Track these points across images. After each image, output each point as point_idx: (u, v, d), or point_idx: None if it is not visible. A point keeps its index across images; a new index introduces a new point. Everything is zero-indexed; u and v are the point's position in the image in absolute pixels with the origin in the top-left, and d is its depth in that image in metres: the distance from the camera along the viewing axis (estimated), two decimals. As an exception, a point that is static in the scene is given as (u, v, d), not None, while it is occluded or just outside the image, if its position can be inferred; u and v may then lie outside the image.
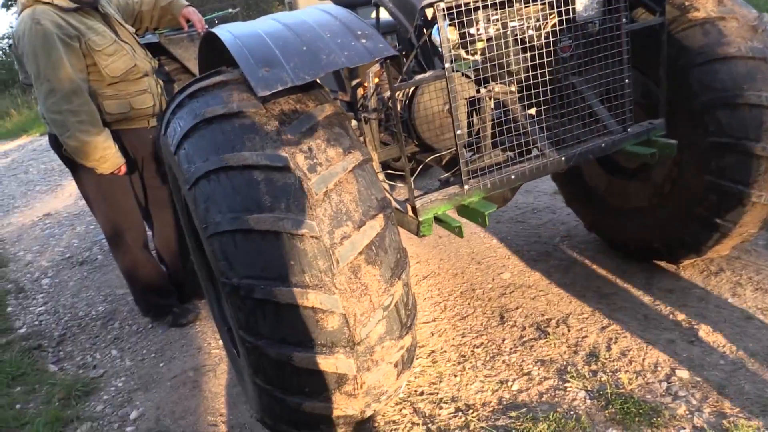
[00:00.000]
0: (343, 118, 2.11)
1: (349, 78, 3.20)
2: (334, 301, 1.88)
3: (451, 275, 3.85)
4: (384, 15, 3.18)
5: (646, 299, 3.21)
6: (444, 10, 2.19)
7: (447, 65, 2.22)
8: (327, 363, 1.94)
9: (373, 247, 1.95)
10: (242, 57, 2.00)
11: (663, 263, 3.48)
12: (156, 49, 4.29)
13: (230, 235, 1.90)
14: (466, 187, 2.41)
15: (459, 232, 2.39)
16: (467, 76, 2.65)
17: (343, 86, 3.42)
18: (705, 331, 2.87)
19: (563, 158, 2.56)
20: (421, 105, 2.77)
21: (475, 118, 2.70)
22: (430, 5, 2.21)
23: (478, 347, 3.05)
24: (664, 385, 2.58)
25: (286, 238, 1.87)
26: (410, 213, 2.41)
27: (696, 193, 2.94)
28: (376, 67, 2.73)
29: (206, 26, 3.86)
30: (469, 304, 3.47)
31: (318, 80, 2.47)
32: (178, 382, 3.25)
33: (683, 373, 2.62)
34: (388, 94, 2.97)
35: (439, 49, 2.29)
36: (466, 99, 2.66)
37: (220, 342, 3.40)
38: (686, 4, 2.80)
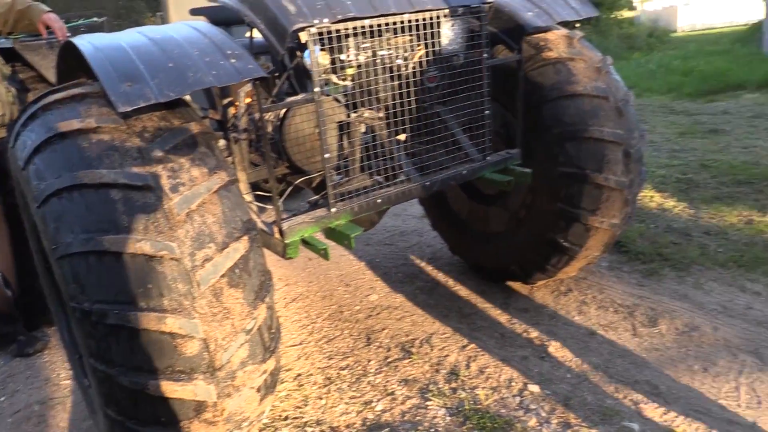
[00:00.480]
0: (209, 137, 2.07)
1: (220, 97, 3.14)
2: (193, 325, 1.83)
3: (320, 297, 3.86)
4: (258, 35, 3.17)
5: (503, 318, 3.40)
6: (315, 35, 2.22)
7: (317, 89, 2.26)
8: (185, 390, 1.87)
9: (237, 270, 1.92)
10: (103, 70, 1.91)
11: (519, 284, 3.70)
12: (10, 55, 3.96)
13: (82, 256, 1.80)
14: (333, 209, 2.44)
15: (325, 254, 2.41)
16: (338, 101, 2.69)
17: (214, 105, 3.35)
18: (554, 347, 3.08)
19: (427, 183, 2.67)
20: (291, 127, 2.77)
21: (344, 142, 2.75)
22: (302, 29, 2.24)
23: (344, 369, 3.07)
24: (518, 399, 2.73)
25: (144, 260, 1.79)
26: (277, 235, 2.39)
27: (548, 218, 3.17)
28: (248, 87, 2.71)
29: (68, 34, 3.63)
30: (336, 326, 3.49)
31: (187, 97, 2.41)
32: (22, 417, 2.98)
33: (534, 387, 2.79)
34: (257, 114, 2.95)
35: (311, 73, 2.32)
36: (336, 123, 2.71)
37: (71, 372, 3.17)
38: (541, 44, 3.04)
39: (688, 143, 6.66)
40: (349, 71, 2.53)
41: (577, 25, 3.28)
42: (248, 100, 2.83)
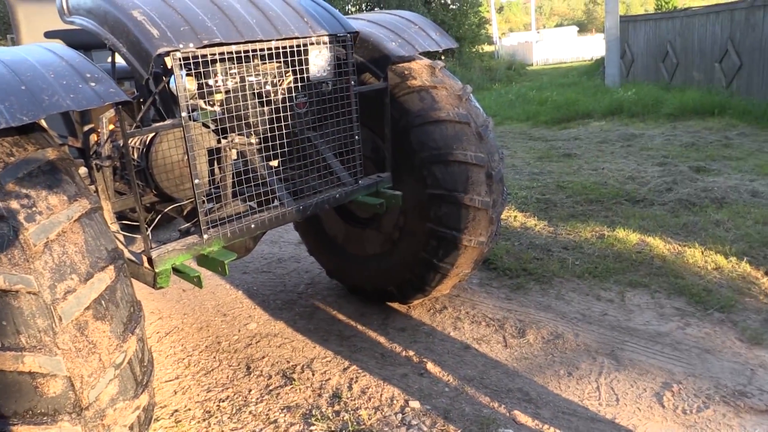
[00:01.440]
0: (68, 164, 1.97)
1: (80, 123, 2.99)
2: (56, 362, 1.72)
3: (196, 329, 3.73)
4: (121, 60, 3.06)
5: (382, 339, 3.46)
6: (180, 60, 2.19)
7: (183, 114, 2.22)
8: (48, 433, 1.75)
9: (103, 302, 1.83)
10: (-58, 93, 1.77)
11: (397, 304, 3.79)
12: None
13: (-77, 295, 1.64)
14: (205, 236, 2.39)
15: (198, 281, 2.35)
16: (207, 126, 2.66)
17: (74, 131, 3.18)
18: (432, 363, 3.17)
19: (301, 208, 2.69)
20: (159, 154, 2.70)
21: (215, 168, 2.72)
22: (167, 54, 2.20)
23: (224, 401, 2.98)
24: (399, 416, 2.78)
25: (-3, 295, 1.67)
26: (146, 264, 2.30)
27: (420, 239, 3.29)
28: (111, 113, 2.61)
29: None
30: (214, 357, 3.39)
31: (43, 123, 2.25)
32: None
33: (415, 404, 2.86)
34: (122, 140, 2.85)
35: (177, 98, 2.28)
36: (206, 149, 2.67)
37: None
38: (406, 72, 3.18)
39: (545, 166, 7.17)
40: (218, 97, 2.51)
41: (443, 57, 3.47)
42: (111, 126, 2.72)
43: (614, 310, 3.62)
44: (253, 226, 2.54)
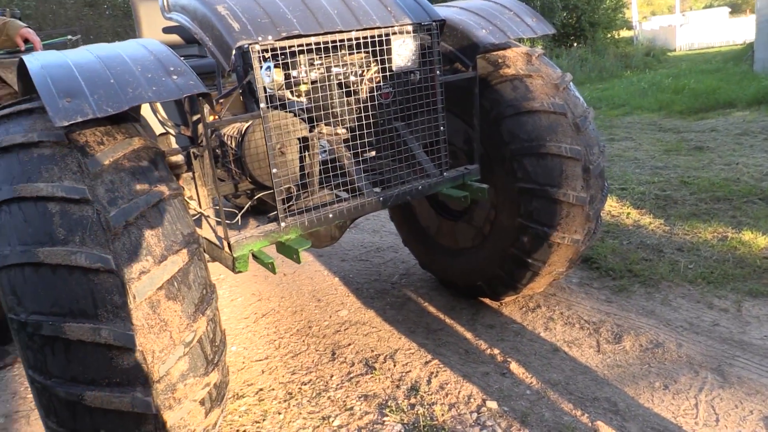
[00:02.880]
0: (153, 152, 2.10)
1: (190, 113, 3.18)
2: (129, 337, 1.84)
3: (290, 313, 3.87)
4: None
5: (469, 334, 3.39)
6: (260, 52, 2.25)
7: (262, 105, 2.29)
8: (123, 402, 1.88)
9: (175, 283, 1.94)
10: (44, 86, 1.95)
11: (489, 300, 3.70)
12: (-14, 73, 4.03)
13: (19, 268, 1.82)
14: (282, 224, 2.46)
15: (272, 268, 2.42)
16: (296, 115, 2.72)
17: (186, 121, 3.40)
18: (516, 363, 3.07)
19: (381, 199, 2.68)
20: (252, 143, 2.80)
21: (300, 158, 2.78)
22: (247, 47, 2.27)
23: (306, 384, 3.07)
24: (475, 415, 2.73)
25: (80, 272, 1.82)
26: (226, 249, 2.41)
27: (510, 234, 3.18)
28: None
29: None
30: (303, 341, 3.50)
31: (161, 112, 2.37)
32: (-17, 429, 3.00)
33: (492, 404, 2.78)
34: (223, 130, 2.99)
35: (268, 89, 2.35)
36: (294, 139, 2.73)
37: (35, 385, 3.17)
38: (499, 61, 3.07)
39: (671, 160, 6.67)
40: (303, 88, 2.56)
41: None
42: (213, 117, 2.86)
43: (727, 320, 3.31)
44: (330, 215, 2.57)
